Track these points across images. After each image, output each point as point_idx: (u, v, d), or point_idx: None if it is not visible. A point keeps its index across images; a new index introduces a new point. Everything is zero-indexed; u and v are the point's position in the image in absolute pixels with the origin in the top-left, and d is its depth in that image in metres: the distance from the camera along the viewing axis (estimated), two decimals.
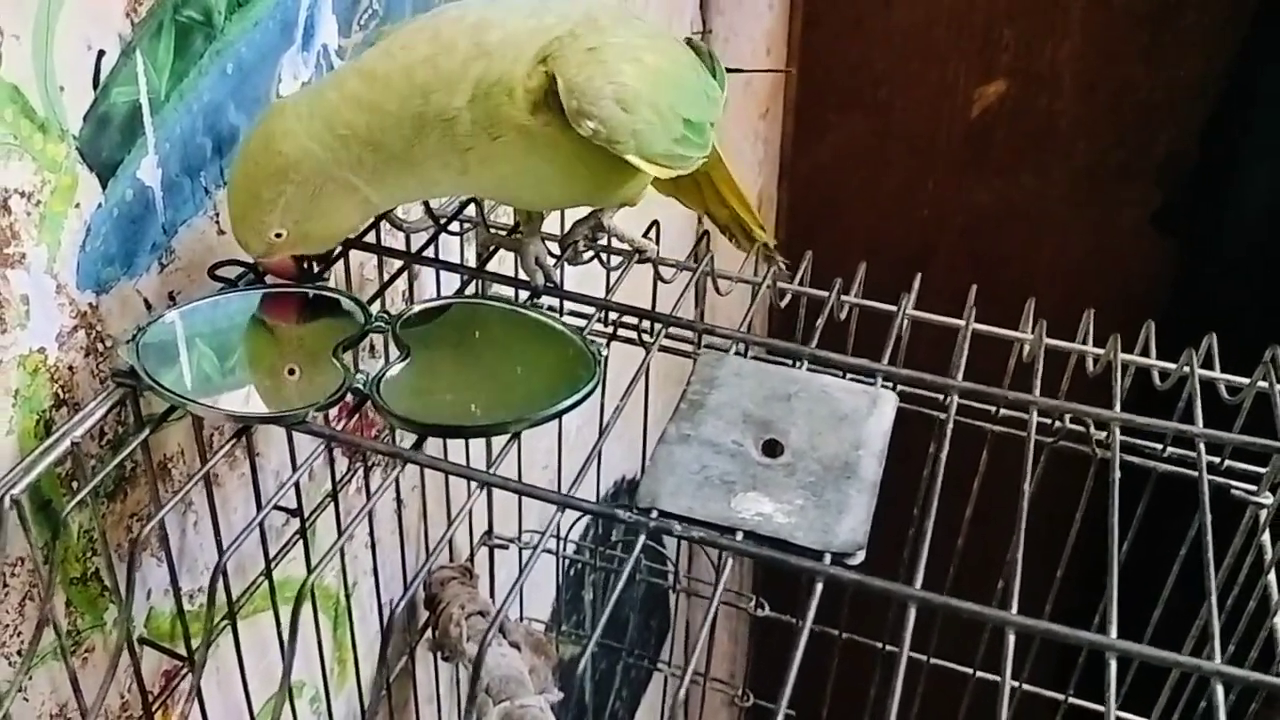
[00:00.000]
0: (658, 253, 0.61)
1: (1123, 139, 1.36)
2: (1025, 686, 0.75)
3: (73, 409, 0.47)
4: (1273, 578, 0.52)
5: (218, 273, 0.52)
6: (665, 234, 0.62)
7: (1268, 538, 0.54)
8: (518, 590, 0.43)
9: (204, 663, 0.48)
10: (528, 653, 0.74)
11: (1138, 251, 1.41)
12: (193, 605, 0.57)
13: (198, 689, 0.50)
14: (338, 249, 0.56)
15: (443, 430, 0.47)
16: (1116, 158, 1.38)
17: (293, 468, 0.55)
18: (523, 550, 0.85)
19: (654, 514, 0.43)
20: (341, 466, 0.67)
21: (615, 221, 0.59)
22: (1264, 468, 0.56)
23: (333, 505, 0.62)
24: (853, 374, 0.51)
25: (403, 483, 0.76)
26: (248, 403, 0.47)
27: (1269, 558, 0.53)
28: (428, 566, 0.65)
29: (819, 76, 1.39)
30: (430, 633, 0.76)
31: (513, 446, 0.46)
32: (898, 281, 0.59)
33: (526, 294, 0.56)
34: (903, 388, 0.52)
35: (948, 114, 1.38)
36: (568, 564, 1.00)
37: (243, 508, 0.59)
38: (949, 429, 0.48)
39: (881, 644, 0.77)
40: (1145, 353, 0.57)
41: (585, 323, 0.55)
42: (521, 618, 0.88)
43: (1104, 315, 0.60)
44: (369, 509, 0.45)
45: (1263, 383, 0.53)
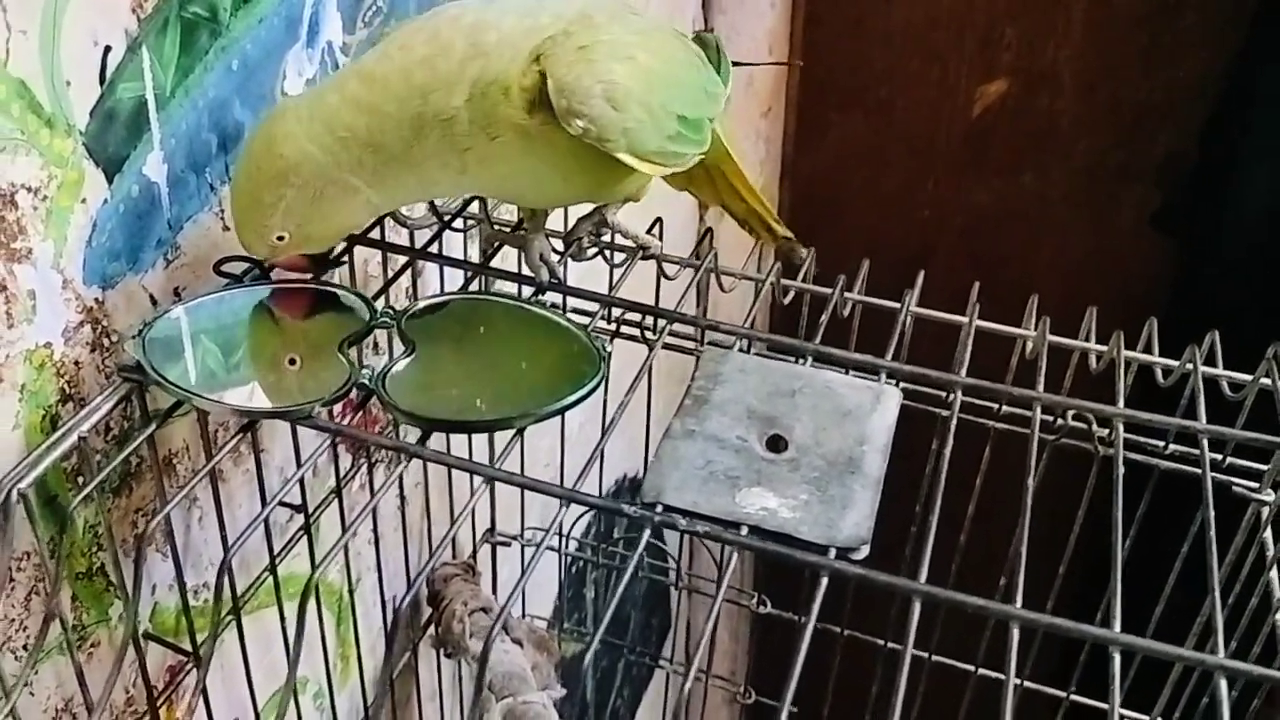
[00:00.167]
0: (661, 249, 0.61)
1: (1123, 139, 1.37)
2: (1026, 684, 0.75)
3: (78, 404, 0.47)
4: (1274, 575, 0.52)
5: (223, 268, 0.52)
6: (667, 232, 0.62)
7: (1270, 535, 0.55)
8: (520, 587, 0.43)
9: (210, 658, 0.48)
10: (530, 649, 0.74)
11: (1137, 252, 1.41)
12: (197, 601, 0.57)
13: (203, 684, 0.50)
14: (342, 246, 0.56)
15: (448, 425, 0.47)
16: (1116, 158, 1.38)
17: (297, 464, 0.55)
18: (525, 547, 0.86)
19: (659, 508, 0.43)
20: (345, 463, 0.67)
21: (619, 218, 0.59)
22: (1266, 465, 0.56)
23: (337, 501, 0.62)
24: (856, 370, 0.51)
25: (406, 479, 0.76)
26: (252, 398, 0.47)
27: (1270, 555, 0.53)
28: (432, 564, 0.64)
29: (820, 75, 1.39)
30: (433, 629, 0.76)
31: (516, 443, 0.46)
32: (898, 281, 0.59)
33: (531, 290, 0.57)
34: (905, 385, 0.53)
35: (948, 113, 1.38)
36: (569, 561, 1.00)
37: (247, 504, 0.59)
38: (953, 425, 0.48)
39: (884, 641, 0.77)
40: (1148, 350, 0.57)
41: (589, 320, 0.55)
42: (524, 615, 0.89)
43: (1104, 315, 0.60)
44: (373, 505, 0.45)
45: (1265, 379, 0.53)
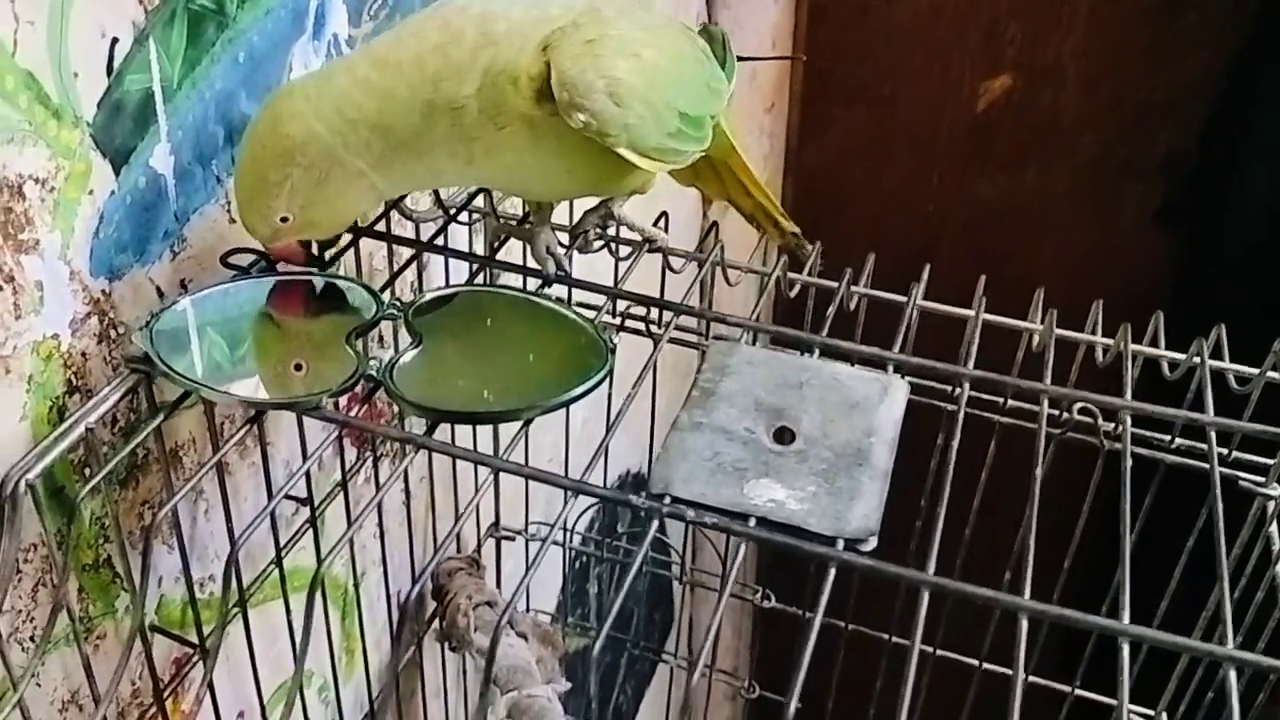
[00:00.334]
0: (667, 242, 0.61)
1: (1125, 136, 1.37)
2: (1031, 678, 0.75)
3: (85, 395, 0.47)
4: None
5: (229, 260, 0.52)
6: (672, 226, 0.62)
7: (1275, 529, 0.55)
8: (526, 582, 0.43)
9: (217, 650, 0.48)
10: (534, 643, 0.74)
11: (1140, 248, 1.41)
12: (203, 593, 0.57)
13: (209, 677, 0.50)
14: (347, 238, 0.56)
15: (456, 416, 0.47)
16: (1119, 154, 1.38)
17: (303, 457, 0.55)
18: (529, 542, 0.86)
19: (667, 500, 0.43)
20: (350, 457, 0.67)
21: (625, 211, 0.59)
22: (1272, 459, 0.56)
23: (342, 495, 0.62)
24: (863, 363, 0.51)
25: (411, 474, 0.76)
26: (258, 390, 0.47)
27: (1276, 549, 0.53)
28: (437, 558, 0.65)
29: (824, 70, 1.39)
30: (438, 623, 0.76)
31: (521, 437, 0.46)
32: (901, 276, 0.59)
33: (537, 283, 0.57)
34: (910, 379, 0.52)
35: (952, 109, 1.38)
36: (573, 556, 1.00)
37: (253, 496, 0.59)
38: (960, 418, 0.48)
39: (888, 636, 0.77)
40: (1154, 344, 0.57)
41: (595, 313, 0.55)
42: (528, 609, 0.89)
43: (1106, 311, 0.60)
44: (379, 499, 0.45)
45: (1273, 372, 0.53)
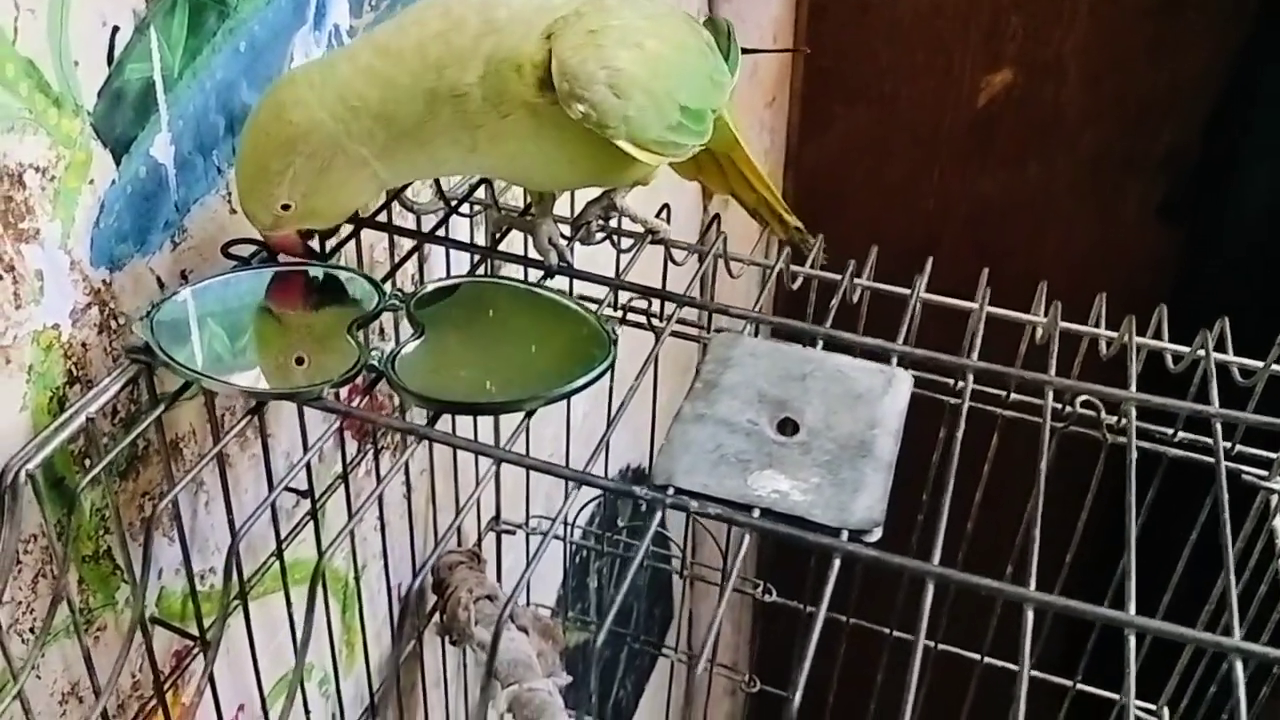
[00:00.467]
0: (669, 233, 0.61)
1: (1127, 131, 1.36)
2: (1034, 672, 0.75)
3: (86, 386, 0.47)
4: None
5: (230, 251, 0.52)
6: (674, 219, 0.62)
7: (1279, 523, 0.54)
8: (527, 575, 0.43)
9: (218, 642, 0.47)
10: (535, 637, 0.74)
11: (1142, 243, 1.41)
12: (203, 585, 0.57)
13: (210, 669, 0.50)
14: (348, 229, 0.56)
15: (458, 407, 0.47)
16: (1121, 150, 1.38)
17: (304, 449, 0.55)
18: (530, 536, 0.85)
19: (670, 491, 0.42)
20: (351, 449, 0.67)
21: (627, 202, 0.59)
22: (1275, 453, 0.56)
23: (343, 487, 0.62)
24: (867, 355, 0.51)
25: (411, 467, 0.76)
26: (259, 381, 0.47)
27: None
28: (438, 551, 0.64)
29: (825, 66, 1.39)
30: (438, 617, 0.76)
31: (522, 431, 0.46)
32: (903, 271, 0.59)
33: (539, 274, 0.56)
34: (914, 373, 0.52)
35: (953, 104, 1.38)
36: (574, 550, 1.00)
37: (253, 488, 0.59)
38: (964, 411, 0.48)
39: (889, 629, 0.77)
40: (1158, 337, 0.57)
41: (597, 305, 0.55)
42: (529, 603, 0.88)
43: (1108, 307, 0.60)
44: (380, 491, 0.44)
45: (1277, 365, 0.53)
